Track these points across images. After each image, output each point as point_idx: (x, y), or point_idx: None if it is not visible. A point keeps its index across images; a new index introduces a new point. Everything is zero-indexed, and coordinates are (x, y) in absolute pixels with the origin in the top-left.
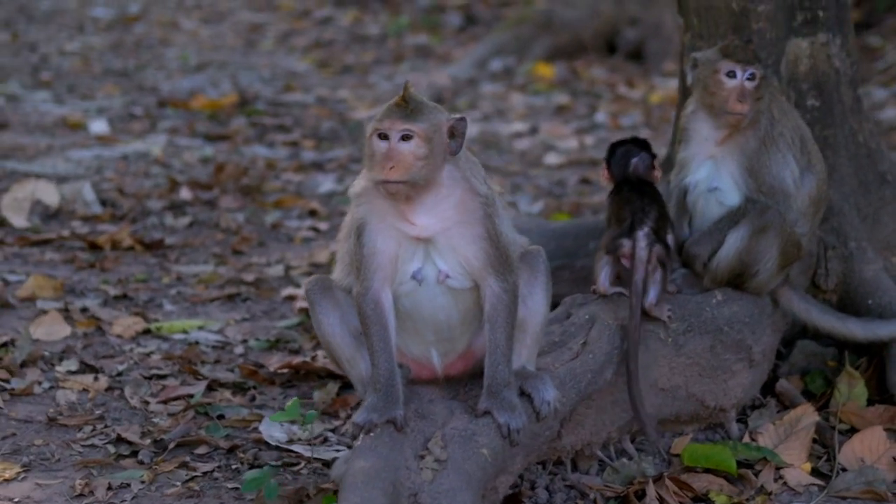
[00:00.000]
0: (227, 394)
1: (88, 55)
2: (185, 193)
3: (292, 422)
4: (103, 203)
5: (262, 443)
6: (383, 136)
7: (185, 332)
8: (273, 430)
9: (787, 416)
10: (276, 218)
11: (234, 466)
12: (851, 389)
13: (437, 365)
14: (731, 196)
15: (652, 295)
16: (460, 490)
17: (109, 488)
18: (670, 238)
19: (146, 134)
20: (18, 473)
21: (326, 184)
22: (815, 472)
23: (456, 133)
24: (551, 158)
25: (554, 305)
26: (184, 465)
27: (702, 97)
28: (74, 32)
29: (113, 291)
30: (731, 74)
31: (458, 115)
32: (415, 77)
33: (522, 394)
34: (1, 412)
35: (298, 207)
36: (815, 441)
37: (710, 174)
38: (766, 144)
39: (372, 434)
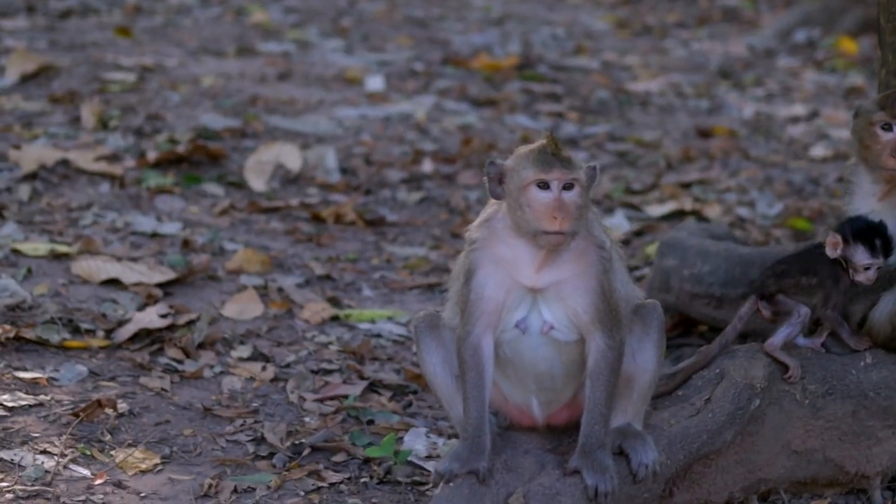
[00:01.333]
0: (385, 398)
1: (396, 1)
2: (426, 166)
3: (381, 462)
4: (344, 171)
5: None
6: (544, 186)
7: (372, 321)
8: (416, 443)
9: None
10: None
11: (363, 480)
12: None
13: (537, 414)
14: (892, 255)
15: (775, 336)
16: None
17: (235, 491)
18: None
19: (418, 94)
20: (156, 465)
21: None
22: None
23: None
24: (818, 150)
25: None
26: (314, 474)
27: (859, 149)
28: None
29: (319, 270)
30: (887, 128)
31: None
32: (710, 46)
33: (622, 453)
34: (164, 396)
35: None
36: None
37: None
38: None
39: (452, 484)
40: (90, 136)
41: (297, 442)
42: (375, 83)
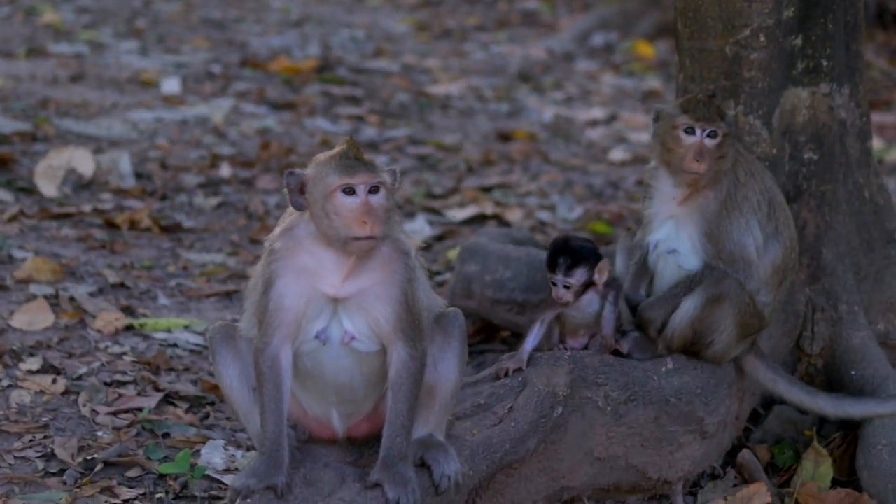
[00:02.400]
0: (181, 410)
1: (192, 1)
2: (224, 170)
3: (177, 476)
4: (139, 176)
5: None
6: (350, 191)
7: (168, 330)
8: (214, 456)
9: (739, 493)
10: None
11: (158, 495)
12: (817, 467)
13: (337, 426)
14: (690, 260)
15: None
16: None
17: None
18: None
19: (215, 97)
20: None
21: None
22: None
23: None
24: (617, 153)
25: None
26: (107, 490)
27: (661, 153)
28: None
29: (112, 278)
30: (690, 131)
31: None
32: (509, 49)
33: (423, 465)
34: None
35: None
36: None
37: (669, 235)
38: (728, 208)
39: (249, 500)
40: None
41: (89, 457)
42: (171, 86)
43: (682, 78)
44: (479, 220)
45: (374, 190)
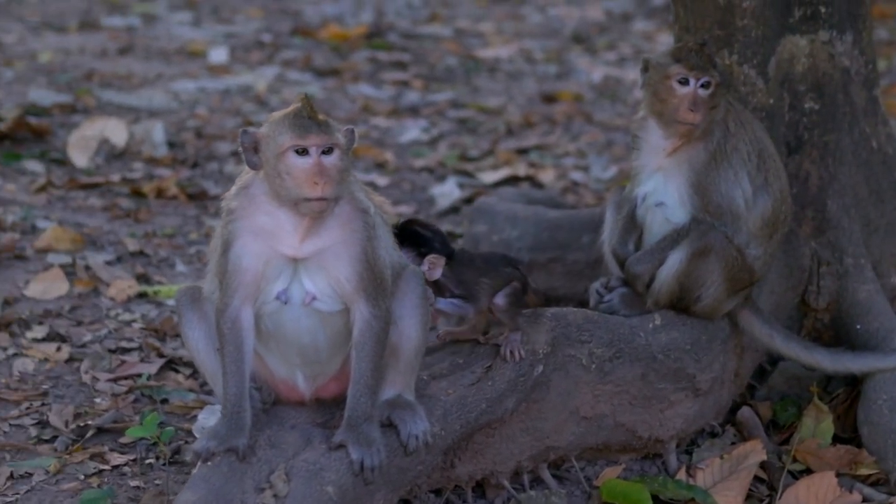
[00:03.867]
0: (182, 376)
1: None
2: None
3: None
4: (172, 145)
5: (192, 435)
6: (302, 152)
7: None
8: (210, 420)
9: (735, 451)
10: None
11: (149, 461)
12: (818, 424)
13: (303, 388)
14: (678, 213)
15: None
16: None
17: (11, 477)
18: None
19: (261, 65)
20: None
21: (412, 132)
22: None
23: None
24: None
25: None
26: (98, 456)
27: (651, 104)
28: None
29: (132, 246)
30: (684, 81)
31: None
32: (567, 11)
33: (392, 425)
34: None
35: (371, 158)
36: (763, 482)
37: (657, 187)
38: (717, 159)
39: (210, 463)
40: None
41: (82, 424)
42: (219, 55)
43: (678, 28)
44: (512, 181)
45: (327, 151)
